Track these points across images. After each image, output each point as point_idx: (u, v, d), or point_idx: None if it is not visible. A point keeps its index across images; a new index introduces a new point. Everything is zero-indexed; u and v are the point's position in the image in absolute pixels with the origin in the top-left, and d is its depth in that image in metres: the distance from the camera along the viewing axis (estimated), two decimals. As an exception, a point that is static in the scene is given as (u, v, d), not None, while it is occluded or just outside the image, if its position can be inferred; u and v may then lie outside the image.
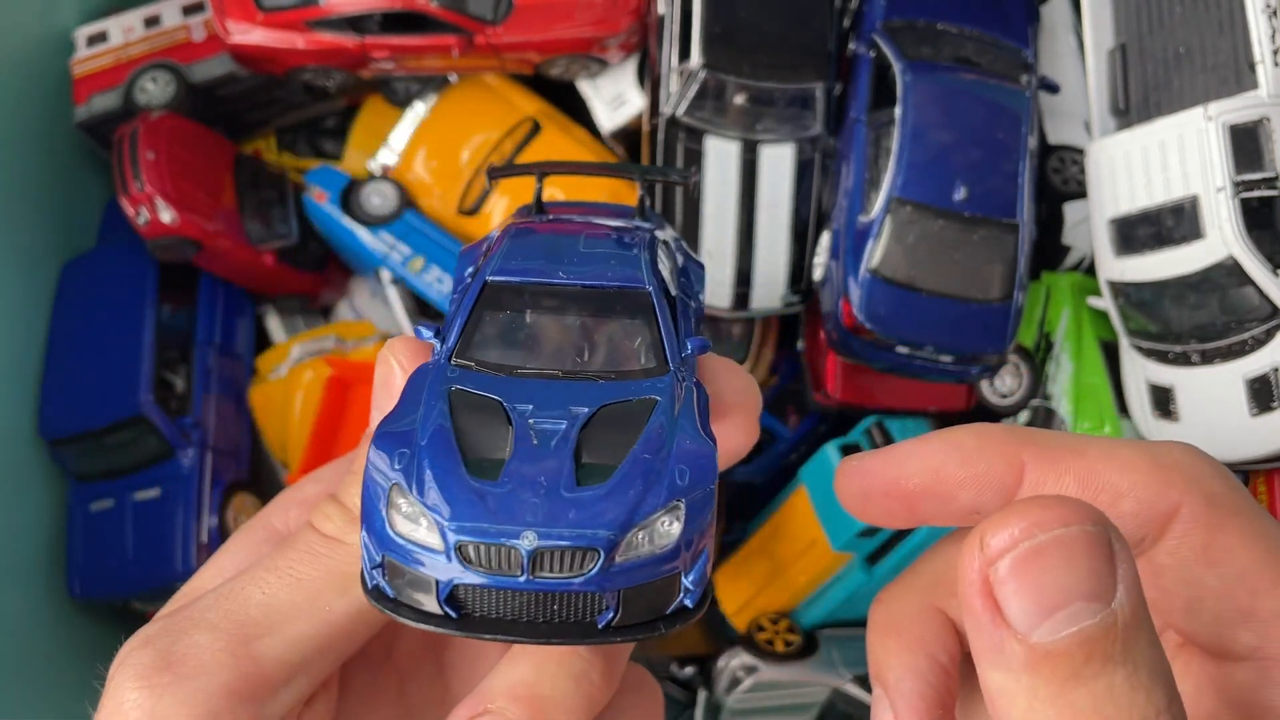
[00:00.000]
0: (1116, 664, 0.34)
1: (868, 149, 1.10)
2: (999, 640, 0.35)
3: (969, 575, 0.35)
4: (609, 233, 0.54)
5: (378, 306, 1.35)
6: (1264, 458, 1.01)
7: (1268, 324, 0.99)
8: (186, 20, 1.27)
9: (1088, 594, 0.34)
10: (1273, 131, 0.98)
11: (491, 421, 0.43)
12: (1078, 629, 0.34)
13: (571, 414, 0.43)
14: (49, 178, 1.27)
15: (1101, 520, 0.35)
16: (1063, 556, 0.34)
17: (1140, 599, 0.35)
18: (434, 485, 0.41)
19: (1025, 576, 0.34)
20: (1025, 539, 0.34)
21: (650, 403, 0.44)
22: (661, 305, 0.48)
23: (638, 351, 0.47)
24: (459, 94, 1.29)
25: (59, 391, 1.20)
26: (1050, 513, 0.35)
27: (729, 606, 1.21)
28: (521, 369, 0.46)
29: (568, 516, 0.39)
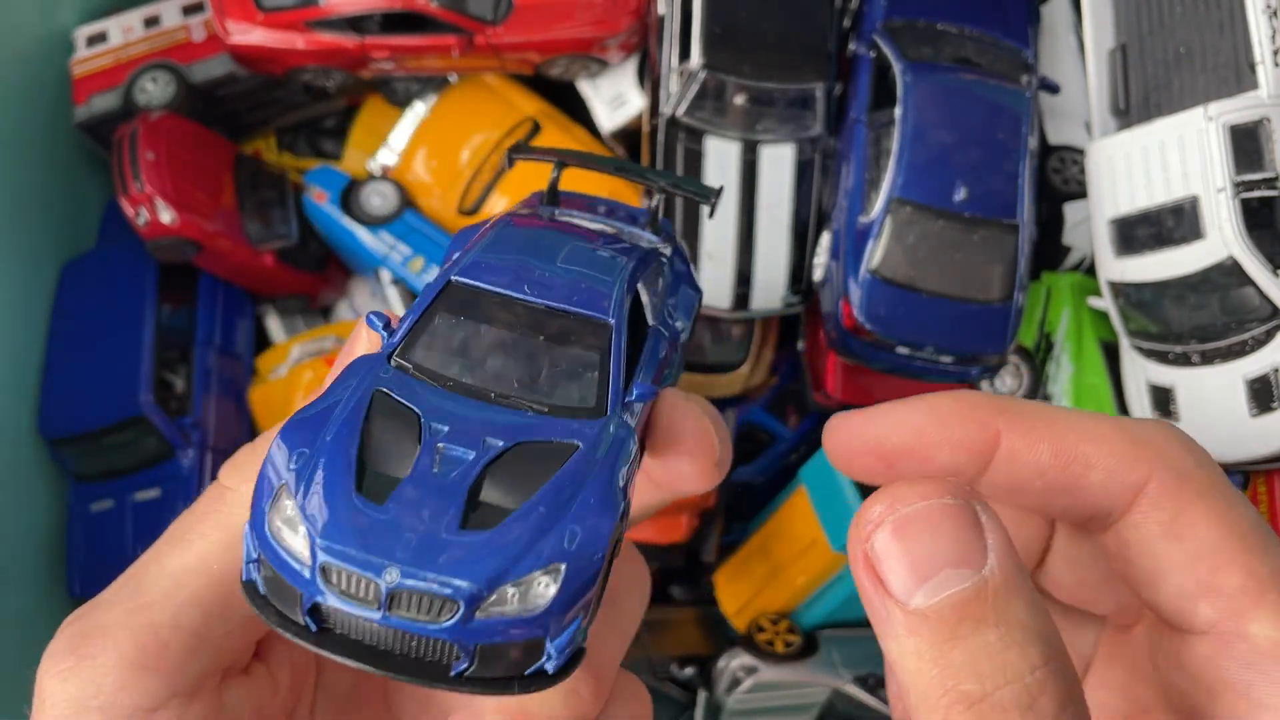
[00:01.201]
0: (989, 625, 0.37)
1: (868, 149, 1.10)
2: (886, 610, 0.38)
3: (854, 554, 0.39)
4: (599, 243, 0.51)
5: (378, 307, 1.35)
6: (1264, 458, 1.01)
7: (1268, 324, 0.99)
8: (186, 20, 1.27)
9: (956, 560, 0.37)
10: (1273, 132, 0.98)
11: (402, 436, 0.41)
12: (950, 593, 0.37)
13: (484, 445, 0.41)
14: (49, 178, 1.27)
15: (962, 493, 0.38)
16: (927, 527, 0.37)
17: (1013, 564, 0.38)
18: (319, 495, 0.39)
19: (898, 547, 0.37)
20: (891, 514, 0.38)
21: (570, 448, 0.41)
22: (619, 341, 0.45)
23: (580, 387, 0.44)
24: (459, 94, 1.29)
25: (59, 392, 1.20)
26: (913, 489, 0.38)
27: (729, 607, 1.21)
28: (456, 383, 0.44)
29: (438, 560, 0.37)
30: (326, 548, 0.37)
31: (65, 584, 1.21)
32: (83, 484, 1.21)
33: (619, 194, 1.25)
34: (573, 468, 0.40)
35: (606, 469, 0.41)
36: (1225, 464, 1.06)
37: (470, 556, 0.37)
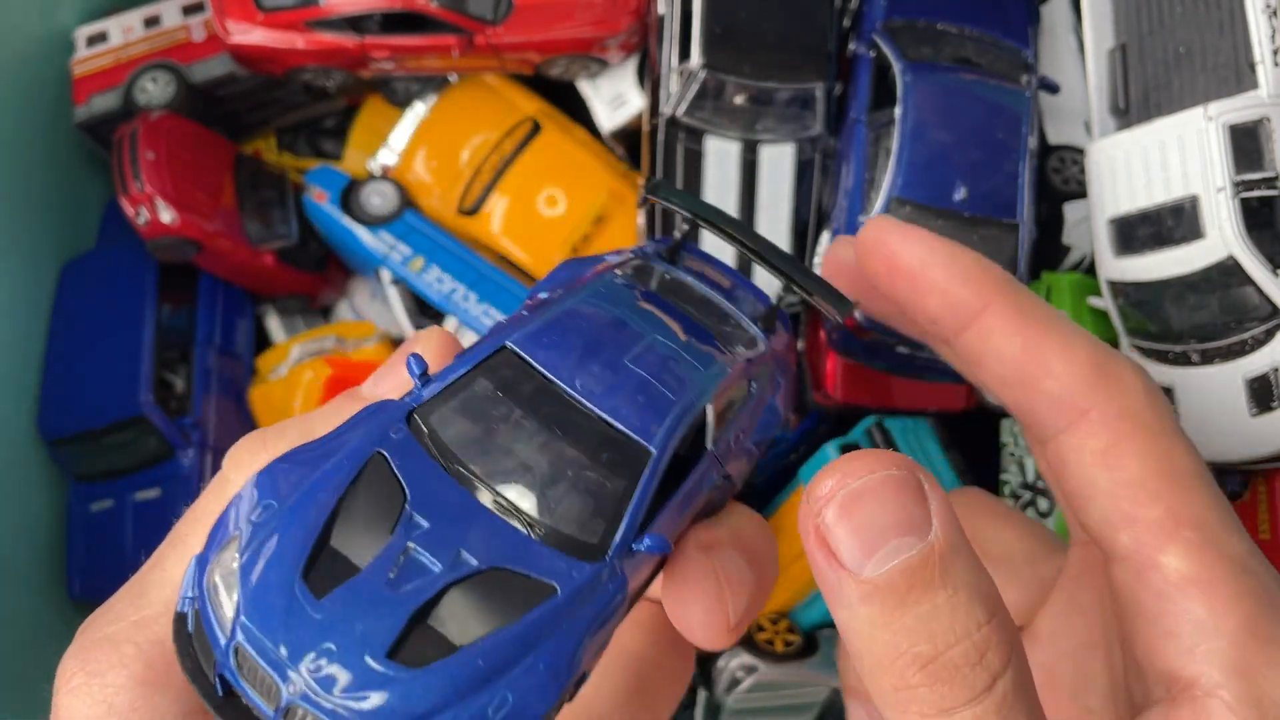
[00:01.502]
0: (937, 588, 0.38)
1: (868, 149, 1.10)
2: (838, 582, 0.39)
3: (805, 529, 0.40)
4: (689, 339, 0.45)
5: (378, 307, 1.35)
6: (1264, 458, 1.01)
7: (1268, 324, 0.99)
8: (186, 20, 1.27)
9: (903, 529, 0.39)
10: (1273, 131, 0.98)
11: (378, 519, 0.37)
12: (899, 561, 0.38)
13: (457, 559, 0.36)
14: (49, 178, 1.27)
15: (906, 464, 0.40)
16: (875, 499, 0.39)
17: (955, 529, 0.39)
18: (263, 564, 0.36)
19: (847, 520, 0.39)
20: (840, 488, 0.39)
21: (546, 591, 0.37)
22: (651, 476, 0.40)
23: (589, 517, 0.39)
24: (459, 94, 1.29)
25: (59, 392, 1.20)
26: (859, 463, 0.39)
27: (729, 606, 1.21)
28: (462, 468, 0.39)
29: (346, 686, 0.34)
30: (245, 628, 0.35)
31: (64, 584, 1.21)
32: (82, 484, 1.21)
33: (622, 198, 1.25)
34: (538, 618, 0.36)
35: (572, 634, 0.37)
36: (1225, 464, 1.06)
37: (382, 694, 0.34)
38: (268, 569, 0.36)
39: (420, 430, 0.40)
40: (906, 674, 0.38)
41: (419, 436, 0.40)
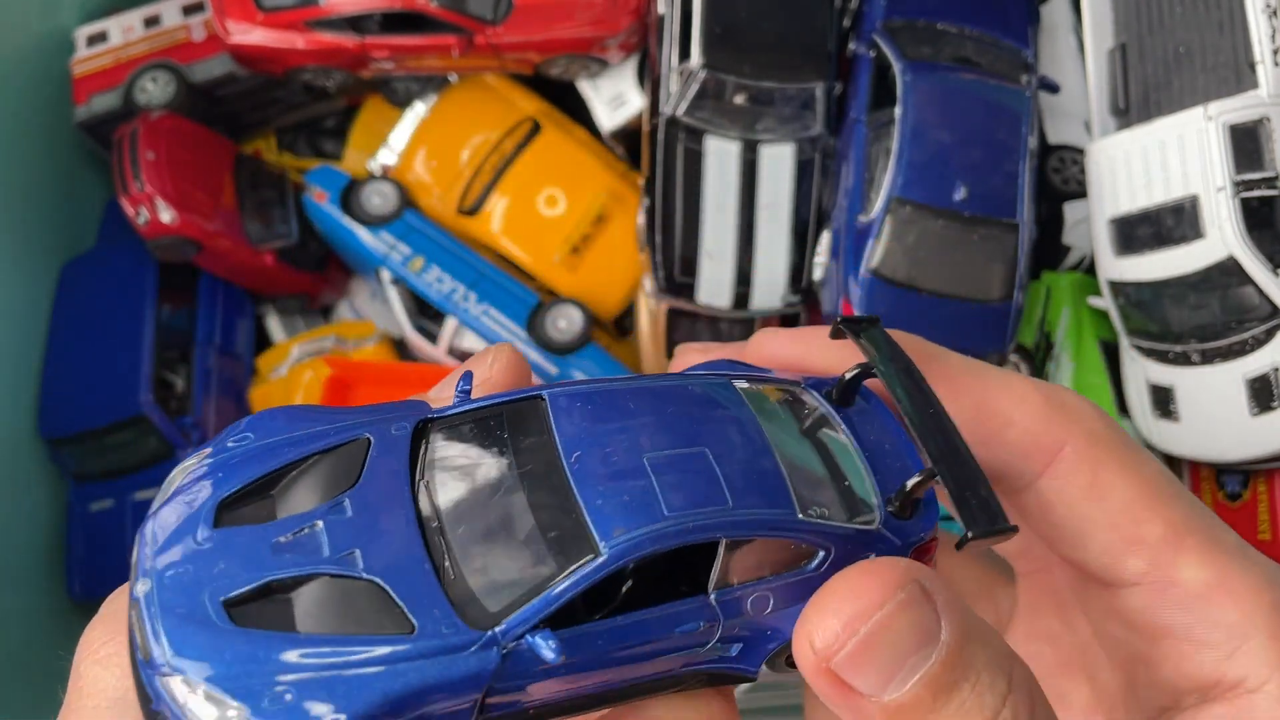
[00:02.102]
0: (959, 684, 0.37)
1: (868, 149, 1.10)
2: (857, 705, 0.38)
3: (809, 669, 0.38)
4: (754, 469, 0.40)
5: (378, 306, 1.35)
6: (1264, 457, 1.01)
7: (1268, 324, 0.99)
8: (186, 20, 1.27)
9: (918, 646, 0.37)
10: (1273, 131, 0.98)
11: (315, 489, 0.38)
12: (920, 676, 0.37)
13: (347, 557, 0.36)
14: (49, 178, 1.27)
15: (910, 575, 0.38)
16: (889, 634, 0.37)
17: (963, 616, 0.38)
18: (197, 484, 0.38)
19: (860, 661, 0.37)
20: (850, 635, 0.37)
21: (405, 625, 0.35)
22: (586, 576, 0.36)
23: (503, 586, 0.36)
24: (459, 94, 1.29)
25: (59, 391, 1.20)
26: (864, 601, 0.37)
27: (729, 606, 1.21)
28: (426, 487, 0.39)
29: (173, 607, 0.35)
30: (146, 525, 0.37)
31: (64, 584, 1.21)
32: (82, 483, 1.21)
33: (623, 199, 1.25)
34: (380, 646, 0.34)
35: (400, 679, 0.34)
36: (1225, 463, 1.06)
37: (196, 630, 0.34)
38: (196, 489, 0.37)
39: (421, 440, 0.40)
40: None
41: (415, 444, 0.39)
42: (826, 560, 0.40)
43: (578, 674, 0.37)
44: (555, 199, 1.25)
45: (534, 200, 1.25)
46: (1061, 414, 0.47)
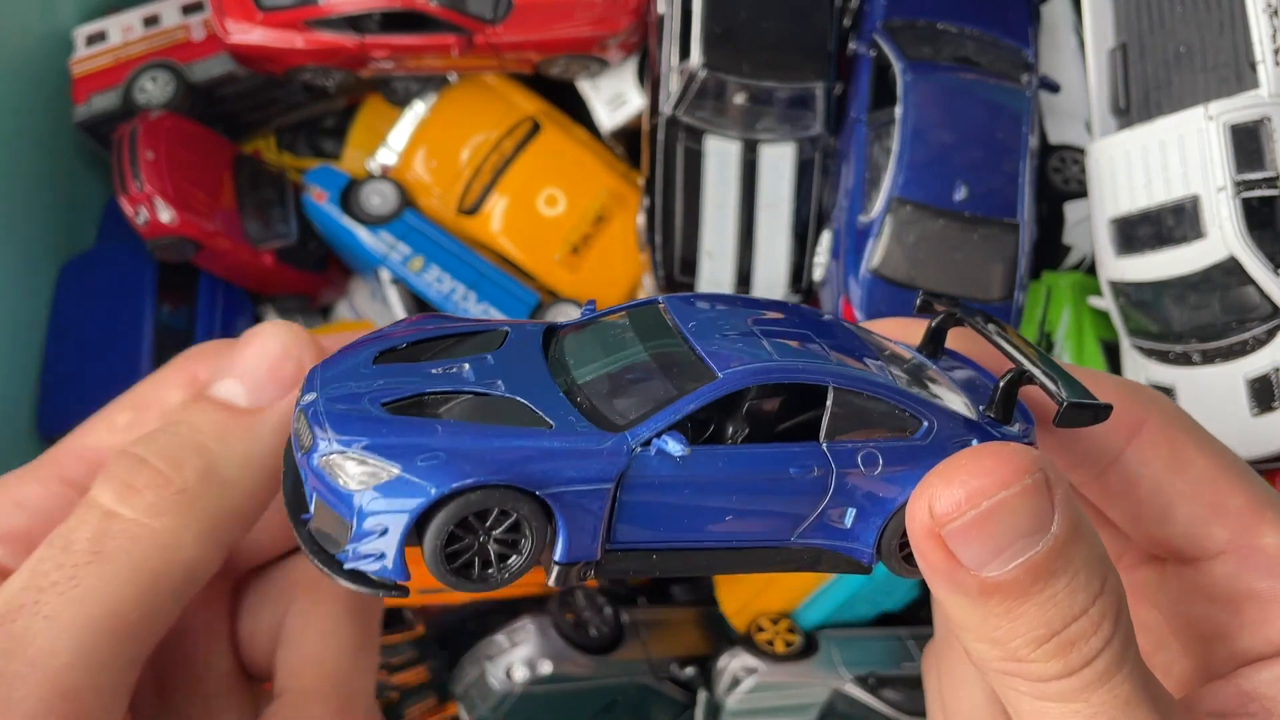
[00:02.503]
0: (1058, 575, 0.39)
1: (868, 149, 1.10)
2: (955, 576, 0.39)
3: (918, 532, 0.40)
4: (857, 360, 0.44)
5: (377, 306, 1.35)
6: (1264, 457, 1.01)
7: (1268, 324, 0.99)
8: (186, 20, 1.27)
9: (1030, 531, 0.39)
10: (1273, 131, 0.98)
11: (466, 351, 0.45)
12: (1024, 559, 0.39)
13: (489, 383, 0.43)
14: (49, 177, 1.27)
15: (1036, 465, 0.39)
16: (1007, 514, 0.39)
17: (1073, 510, 0.40)
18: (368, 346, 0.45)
19: (973, 533, 0.39)
20: (970, 507, 0.39)
21: (541, 423, 0.42)
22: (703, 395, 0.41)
23: (630, 406, 0.43)
24: (459, 93, 1.29)
25: (58, 390, 1.20)
26: (991, 478, 0.39)
27: (729, 607, 1.21)
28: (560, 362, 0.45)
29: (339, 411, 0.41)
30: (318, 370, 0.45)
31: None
32: (82, 484, 1.21)
33: (624, 199, 1.25)
34: (521, 434, 0.40)
35: (547, 457, 0.39)
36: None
37: (359, 421, 0.39)
38: (359, 348, 0.43)
39: (551, 341, 0.46)
40: (1021, 651, 0.40)
41: (546, 342, 0.46)
42: (931, 433, 0.43)
43: (699, 496, 0.41)
44: (555, 199, 1.25)
45: (534, 200, 1.25)
46: (1140, 396, 0.49)
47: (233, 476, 0.43)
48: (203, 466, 0.43)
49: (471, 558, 0.40)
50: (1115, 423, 0.47)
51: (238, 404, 0.44)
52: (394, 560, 0.39)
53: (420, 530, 0.39)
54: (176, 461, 0.42)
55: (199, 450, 0.43)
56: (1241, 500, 0.47)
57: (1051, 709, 0.40)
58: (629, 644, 1.15)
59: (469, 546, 0.39)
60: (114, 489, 0.43)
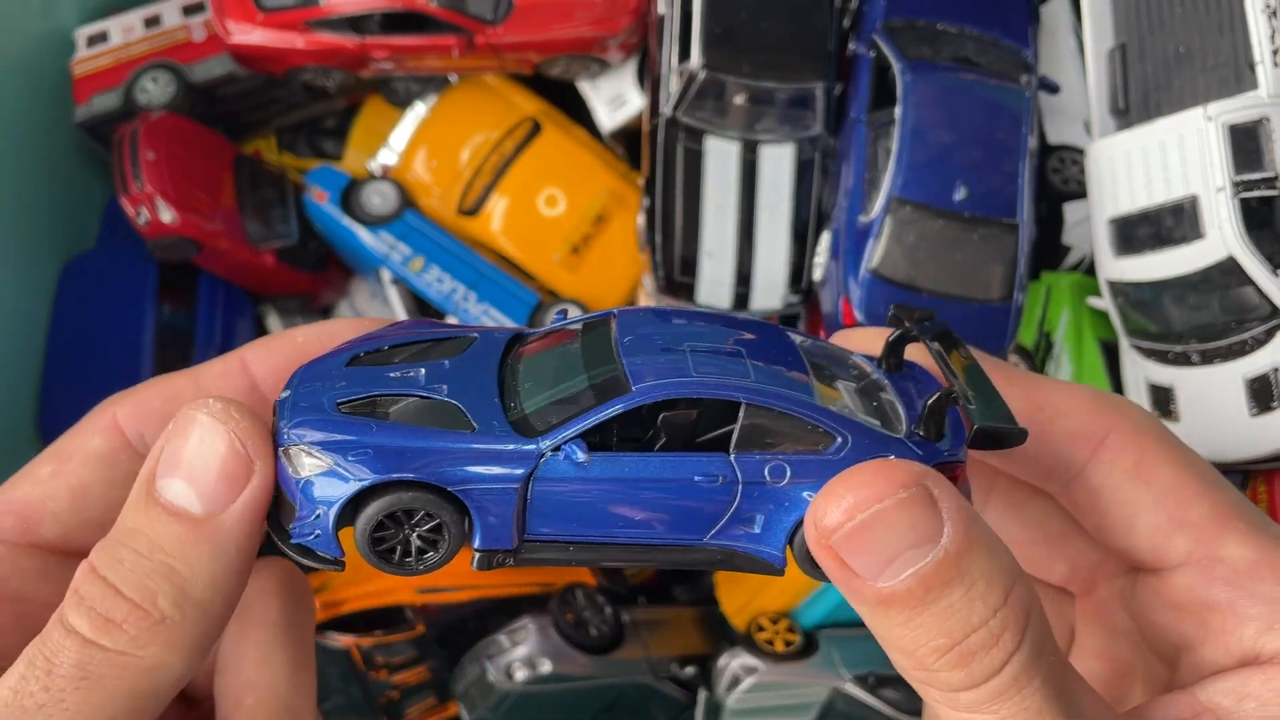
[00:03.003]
0: (953, 585, 0.40)
1: (868, 149, 1.10)
2: (852, 585, 0.41)
3: (812, 541, 0.42)
4: (783, 371, 0.47)
5: (378, 306, 1.35)
6: (1264, 457, 1.01)
7: (1268, 324, 0.99)
8: (187, 20, 1.27)
9: (915, 542, 0.40)
10: (1273, 131, 0.98)
11: (426, 355, 0.50)
12: (914, 570, 0.40)
13: (435, 388, 0.47)
14: (49, 178, 1.27)
15: (915, 478, 0.41)
16: (884, 525, 0.40)
17: (968, 523, 0.41)
18: (342, 353, 0.51)
19: (858, 543, 0.40)
20: (848, 520, 0.40)
21: (465, 425, 0.46)
22: (613, 404, 0.45)
23: (551, 416, 0.46)
24: (459, 94, 1.29)
25: (59, 391, 1.20)
26: (868, 491, 0.40)
27: (729, 606, 1.21)
28: (510, 372, 0.49)
29: (302, 412, 0.47)
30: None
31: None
32: (83, 484, 1.21)
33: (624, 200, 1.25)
34: (444, 435, 0.45)
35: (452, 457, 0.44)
36: (1225, 463, 1.06)
37: (316, 417, 0.45)
38: (340, 351, 0.50)
39: (512, 346, 0.51)
40: (927, 660, 0.41)
41: (511, 349, 0.50)
42: (844, 448, 0.45)
43: (606, 497, 0.45)
44: (555, 199, 1.25)
45: (534, 200, 1.25)
46: (1109, 406, 0.50)
47: (205, 597, 0.43)
48: (175, 593, 0.43)
49: (394, 545, 0.45)
50: (1080, 433, 0.49)
51: (192, 512, 0.43)
52: (328, 539, 0.45)
53: (355, 515, 0.45)
54: (148, 592, 0.43)
55: (167, 575, 0.43)
56: (1204, 510, 0.48)
57: (965, 718, 0.42)
58: (629, 644, 1.16)
59: (394, 536, 0.45)
60: (91, 622, 0.43)
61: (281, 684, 0.52)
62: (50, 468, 0.52)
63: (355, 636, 1.11)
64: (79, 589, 0.43)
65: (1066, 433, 0.49)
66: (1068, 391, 0.50)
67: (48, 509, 0.51)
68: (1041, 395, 0.50)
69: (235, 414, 0.45)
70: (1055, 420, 0.49)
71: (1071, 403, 0.49)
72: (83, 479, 0.51)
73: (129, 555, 0.43)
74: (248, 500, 0.44)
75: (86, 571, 0.44)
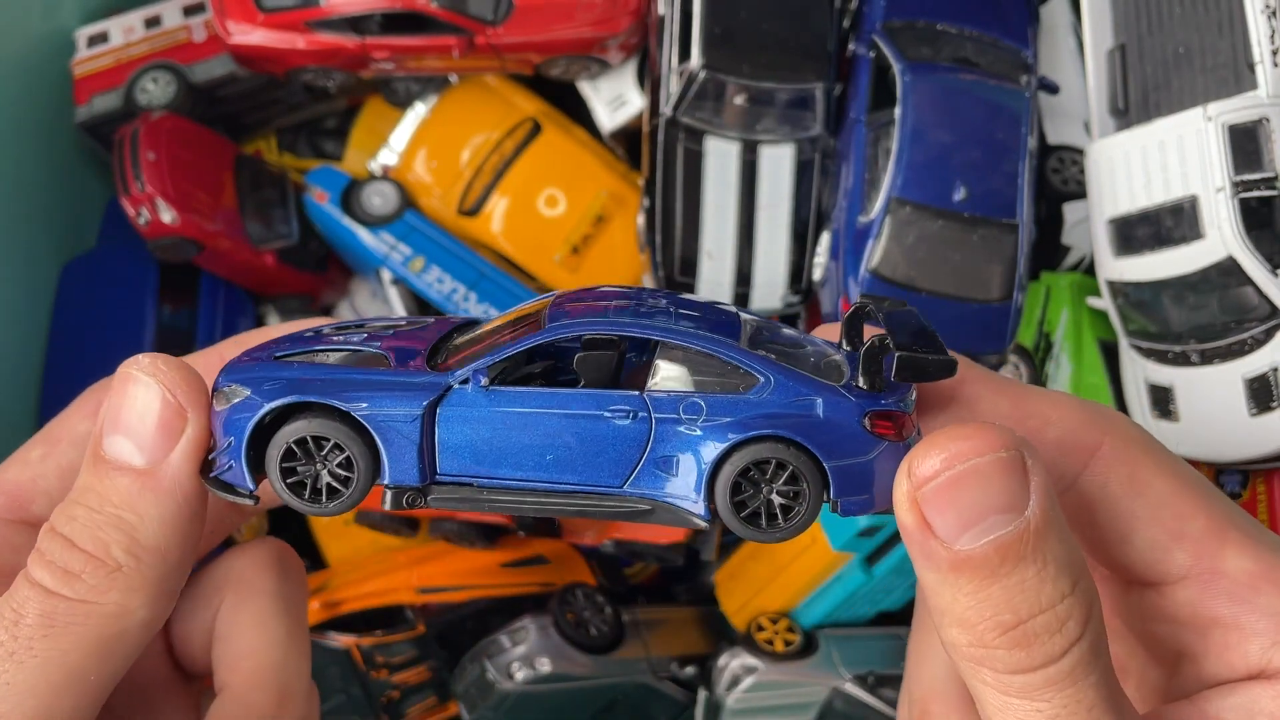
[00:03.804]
0: (1028, 562, 0.39)
1: (867, 149, 1.10)
2: (928, 547, 0.40)
3: (899, 497, 0.41)
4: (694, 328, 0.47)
5: (378, 306, 1.35)
6: (1264, 457, 1.01)
7: (1267, 324, 0.99)
8: (187, 21, 1.27)
9: (1002, 508, 0.39)
10: (1272, 132, 0.98)
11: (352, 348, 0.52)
12: (994, 537, 0.39)
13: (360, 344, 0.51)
14: (50, 178, 1.27)
15: (1015, 443, 0.40)
16: (979, 481, 0.39)
17: (1051, 502, 0.40)
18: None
19: (947, 499, 0.39)
20: (946, 470, 0.39)
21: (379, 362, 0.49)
22: (523, 342, 0.47)
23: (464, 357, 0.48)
24: (459, 94, 1.29)
25: (60, 391, 1.20)
26: (969, 444, 0.40)
27: (729, 606, 1.21)
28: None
29: (235, 393, 0.48)
30: None
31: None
32: (83, 483, 1.21)
33: (625, 201, 1.25)
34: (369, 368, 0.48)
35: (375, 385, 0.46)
36: (1225, 463, 1.06)
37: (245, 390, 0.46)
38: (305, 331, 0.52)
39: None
40: (987, 636, 0.40)
41: (459, 328, 0.52)
42: (767, 389, 0.44)
43: (515, 432, 0.45)
44: (555, 199, 1.25)
45: (534, 200, 1.25)
46: (1098, 417, 0.49)
47: (157, 543, 0.45)
48: (126, 542, 0.45)
49: (305, 480, 0.45)
50: (1072, 444, 0.48)
51: (135, 464, 0.45)
52: (240, 471, 0.46)
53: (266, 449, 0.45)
54: (101, 543, 0.45)
55: (118, 526, 0.45)
56: (1202, 523, 0.47)
57: (1014, 704, 0.41)
58: (629, 643, 1.16)
59: (307, 470, 0.45)
60: (52, 574, 0.45)
61: (277, 650, 0.53)
62: (40, 450, 0.54)
63: (355, 636, 1.11)
64: (40, 546, 0.46)
65: (1056, 443, 0.48)
66: (1056, 401, 0.49)
67: (39, 488, 0.53)
68: (1030, 405, 0.49)
69: (163, 366, 0.46)
70: (1044, 429, 0.48)
71: (1060, 412, 0.49)
72: (71, 460, 0.53)
73: (82, 512, 0.45)
74: (185, 448, 0.45)
75: (46, 530, 0.46)
